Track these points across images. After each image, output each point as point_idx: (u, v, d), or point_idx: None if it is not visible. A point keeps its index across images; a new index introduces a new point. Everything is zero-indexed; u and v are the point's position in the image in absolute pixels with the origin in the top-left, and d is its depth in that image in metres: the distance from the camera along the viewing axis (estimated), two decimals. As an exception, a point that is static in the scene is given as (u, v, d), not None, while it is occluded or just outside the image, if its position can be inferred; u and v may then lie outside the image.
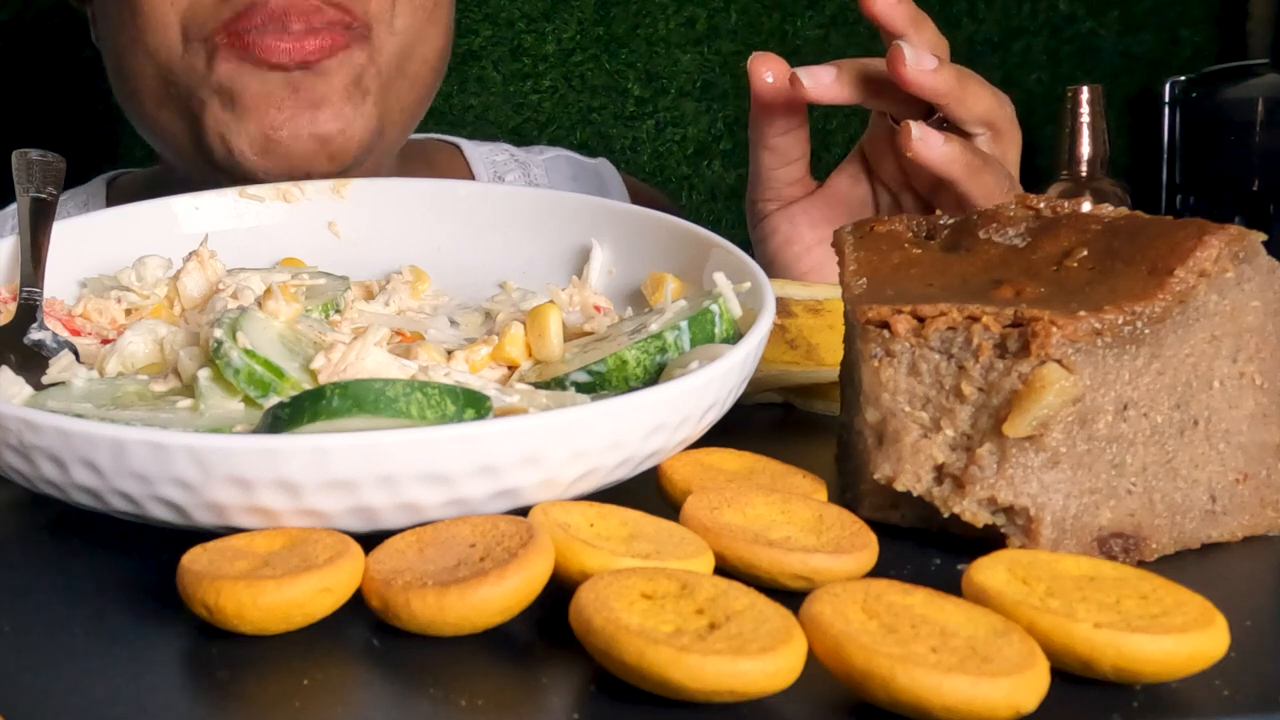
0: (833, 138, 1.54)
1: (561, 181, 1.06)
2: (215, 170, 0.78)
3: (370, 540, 0.38)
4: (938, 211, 0.50)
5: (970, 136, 0.69)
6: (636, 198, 1.09)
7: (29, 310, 0.54)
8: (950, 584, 0.36)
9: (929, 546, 0.42)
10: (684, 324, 0.49)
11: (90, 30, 0.91)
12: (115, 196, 1.01)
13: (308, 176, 0.74)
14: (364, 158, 0.78)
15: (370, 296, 0.59)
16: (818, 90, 0.67)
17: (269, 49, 0.72)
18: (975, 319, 0.41)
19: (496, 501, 0.40)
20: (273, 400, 0.44)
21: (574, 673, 0.33)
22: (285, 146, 0.74)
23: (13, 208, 0.95)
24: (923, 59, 0.64)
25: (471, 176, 1.03)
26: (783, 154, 0.73)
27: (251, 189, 0.65)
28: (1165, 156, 1.59)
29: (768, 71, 0.69)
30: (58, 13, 1.32)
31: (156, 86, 0.79)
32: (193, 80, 0.76)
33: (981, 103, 0.68)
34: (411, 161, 0.98)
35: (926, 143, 0.65)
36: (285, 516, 0.39)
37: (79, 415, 0.43)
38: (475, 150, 1.05)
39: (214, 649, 0.35)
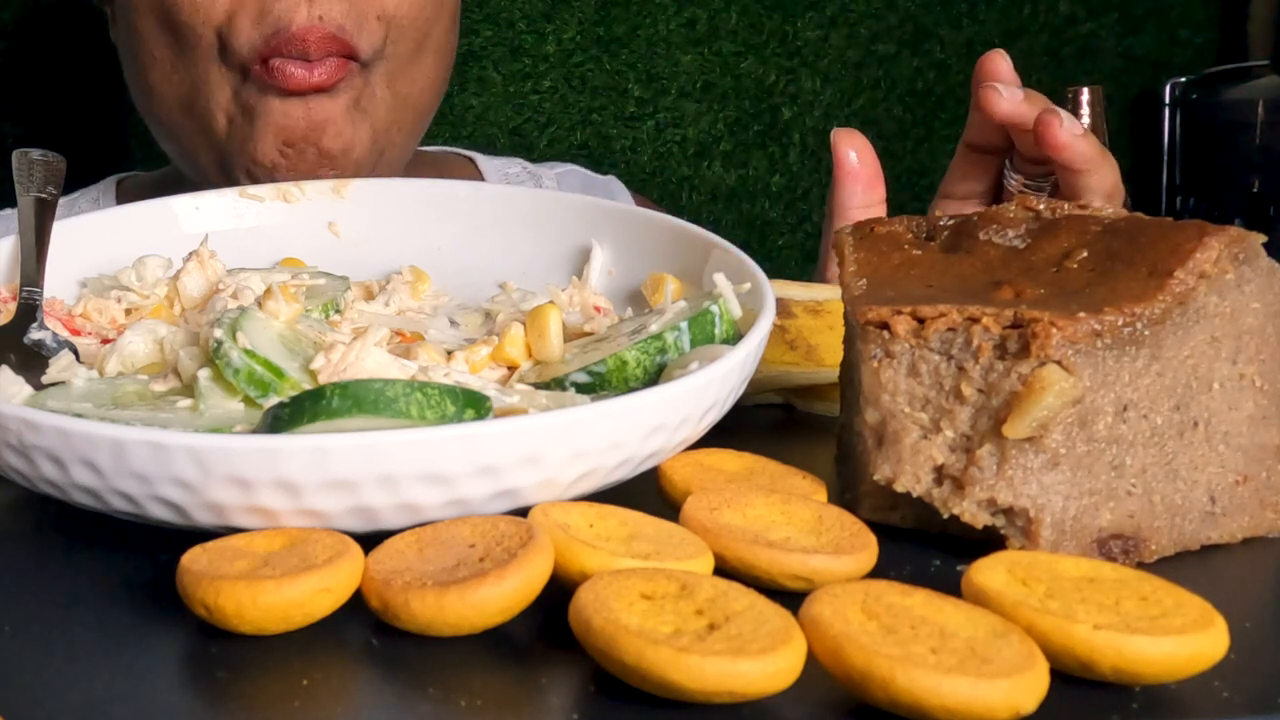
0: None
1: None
2: (225, 172, 0.85)
3: (370, 540, 0.38)
4: (937, 212, 0.50)
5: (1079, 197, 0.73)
6: None
7: (29, 310, 0.54)
8: (950, 585, 0.36)
9: (929, 547, 0.42)
10: (684, 324, 0.49)
11: (109, 29, 0.91)
12: (123, 199, 1.02)
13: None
14: (363, 173, 0.85)
15: (370, 296, 0.59)
16: (1008, 105, 0.73)
17: (291, 78, 0.80)
18: (975, 320, 0.41)
19: (496, 502, 0.40)
20: (273, 400, 0.44)
21: (574, 673, 0.33)
22: (293, 160, 0.82)
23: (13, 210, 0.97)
24: (1072, 123, 0.71)
25: None
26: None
27: (251, 189, 0.65)
28: (1165, 158, 1.59)
29: (850, 150, 0.72)
30: (62, 12, 1.32)
31: (184, 95, 0.84)
32: (220, 96, 0.83)
33: (1108, 180, 0.73)
34: (423, 170, 1.01)
35: (1069, 130, 0.71)
36: (285, 516, 0.39)
37: (79, 415, 0.43)
38: (489, 163, 1.09)
39: (214, 649, 0.35)
